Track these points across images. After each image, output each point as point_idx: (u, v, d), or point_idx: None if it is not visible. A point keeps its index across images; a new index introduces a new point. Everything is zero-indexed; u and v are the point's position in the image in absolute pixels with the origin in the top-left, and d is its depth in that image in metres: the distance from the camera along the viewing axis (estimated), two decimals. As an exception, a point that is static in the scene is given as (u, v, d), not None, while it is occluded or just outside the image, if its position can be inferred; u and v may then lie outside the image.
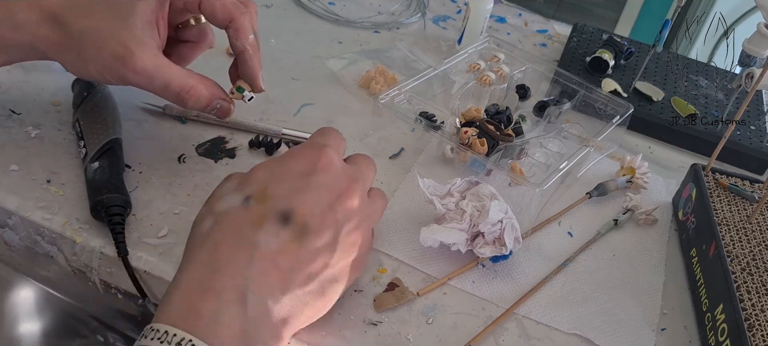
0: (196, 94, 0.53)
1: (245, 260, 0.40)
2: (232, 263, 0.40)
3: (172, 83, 0.52)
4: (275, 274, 0.41)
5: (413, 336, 0.50)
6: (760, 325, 0.49)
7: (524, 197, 0.61)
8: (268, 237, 0.41)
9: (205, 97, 0.54)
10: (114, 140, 0.56)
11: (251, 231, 0.41)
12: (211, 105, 0.54)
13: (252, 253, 0.40)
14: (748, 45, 0.73)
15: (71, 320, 0.67)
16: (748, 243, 0.57)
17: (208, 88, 0.54)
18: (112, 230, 0.50)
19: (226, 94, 0.56)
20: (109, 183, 0.52)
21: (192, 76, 0.53)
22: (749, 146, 0.76)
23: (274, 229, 0.42)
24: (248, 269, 0.40)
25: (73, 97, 0.60)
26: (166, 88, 0.52)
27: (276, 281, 0.41)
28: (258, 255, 0.41)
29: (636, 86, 0.82)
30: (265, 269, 0.40)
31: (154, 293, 0.52)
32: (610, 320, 0.54)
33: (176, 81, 0.52)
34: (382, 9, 0.95)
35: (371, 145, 0.67)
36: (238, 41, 0.54)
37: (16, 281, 0.66)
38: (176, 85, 0.52)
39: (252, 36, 0.54)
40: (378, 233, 0.57)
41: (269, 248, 0.41)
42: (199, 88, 0.53)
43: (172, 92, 0.52)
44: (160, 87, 0.52)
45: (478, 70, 0.75)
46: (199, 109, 0.54)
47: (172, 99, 0.53)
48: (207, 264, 0.40)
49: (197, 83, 0.53)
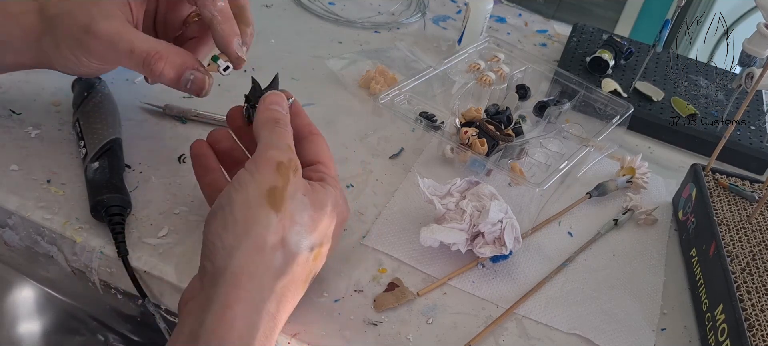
0: (164, 61, 0.49)
1: (287, 314, 0.44)
2: (282, 318, 0.44)
3: (136, 48, 0.49)
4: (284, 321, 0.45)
5: (413, 336, 0.50)
6: (760, 325, 0.49)
7: (524, 197, 0.61)
8: (300, 296, 0.46)
9: (175, 64, 0.50)
10: (114, 140, 0.56)
11: (301, 288, 0.45)
12: (183, 76, 0.51)
13: (294, 304, 0.45)
14: (748, 45, 0.73)
15: (71, 320, 0.67)
16: (748, 243, 0.57)
17: (180, 56, 0.50)
18: (112, 230, 0.50)
19: (200, 64, 0.52)
20: (110, 183, 0.52)
21: (162, 43, 0.50)
22: (749, 146, 0.76)
23: (305, 287, 0.46)
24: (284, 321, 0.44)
25: (73, 98, 0.60)
26: (131, 53, 0.49)
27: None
28: (291, 310, 0.45)
29: (636, 86, 0.82)
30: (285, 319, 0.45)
31: (153, 293, 0.52)
32: (610, 320, 0.54)
33: (142, 46, 0.49)
34: (382, 9, 0.95)
35: (371, 145, 0.67)
36: (206, 9, 0.50)
37: (16, 281, 0.66)
38: (141, 50, 0.49)
39: (222, 2, 0.51)
40: (378, 233, 0.57)
41: (296, 303, 0.45)
42: (168, 54, 0.50)
43: (137, 58, 0.49)
44: (125, 53, 0.49)
45: (478, 70, 0.75)
46: (171, 80, 0.51)
47: (139, 68, 0.50)
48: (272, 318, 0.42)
49: (166, 50, 0.50)
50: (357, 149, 0.66)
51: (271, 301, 0.41)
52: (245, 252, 0.41)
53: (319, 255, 0.45)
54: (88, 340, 0.68)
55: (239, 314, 0.40)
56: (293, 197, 0.43)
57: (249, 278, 0.40)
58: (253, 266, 0.41)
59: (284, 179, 0.43)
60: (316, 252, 0.45)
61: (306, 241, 0.43)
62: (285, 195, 0.42)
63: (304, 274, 0.44)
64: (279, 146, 0.45)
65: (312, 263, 0.45)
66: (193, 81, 0.51)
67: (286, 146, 0.45)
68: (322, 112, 0.70)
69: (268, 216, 0.41)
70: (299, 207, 0.43)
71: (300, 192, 0.43)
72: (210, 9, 0.50)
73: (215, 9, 0.50)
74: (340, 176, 0.63)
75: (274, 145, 0.45)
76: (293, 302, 0.45)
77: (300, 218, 0.43)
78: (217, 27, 0.51)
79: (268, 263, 0.41)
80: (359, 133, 0.69)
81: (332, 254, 0.49)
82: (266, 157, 0.43)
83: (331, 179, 0.48)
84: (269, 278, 0.41)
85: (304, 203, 0.43)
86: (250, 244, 0.41)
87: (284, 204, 0.42)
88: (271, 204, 0.42)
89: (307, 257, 0.44)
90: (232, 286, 0.40)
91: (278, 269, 0.42)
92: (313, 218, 0.44)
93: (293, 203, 0.43)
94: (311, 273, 0.46)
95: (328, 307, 0.50)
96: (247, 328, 0.40)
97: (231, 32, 0.51)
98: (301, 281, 0.45)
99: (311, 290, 0.51)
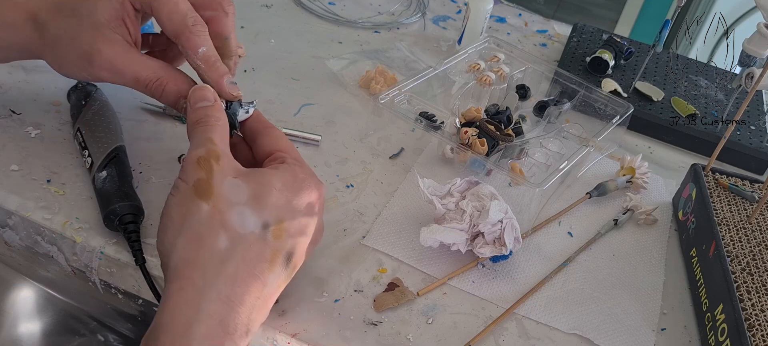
0: (164, 86, 0.52)
1: (254, 298, 0.43)
2: (245, 302, 0.42)
3: (141, 76, 0.51)
4: (265, 310, 0.45)
5: (413, 336, 0.50)
6: (760, 325, 0.49)
7: (524, 197, 0.61)
8: (274, 277, 0.44)
9: (173, 93, 0.52)
10: (118, 148, 0.55)
11: (265, 269, 0.43)
12: (179, 103, 0.52)
13: (261, 292, 0.43)
14: (748, 45, 0.73)
15: (71, 320, 0.67)
16: (748, 243, 0.57)
17: (177, 84, 0.52)
18: (128, 239, 0.50)
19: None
20: (120, 191, 0.52)
21: (164, 68, 0.52)
22: (749, 146, 0.76)
23: (279, 269, 0.44)
24: (253, 308, 0.43)
25: (71, 107, 0.60)
26: (137, 81, 0.51)
27: (263, 316, 0.45)
28: (264, 293, 0.44)
29: (636, 86, 0.83)
30: (262, 307, 0.44)
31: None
32: (609, 320, 0.54)
33: (145, 73, 0.51)
34: (382, 9, 0.95)
35: (371, 145, 0.67)
36: (189, 59, 0.51)
37: (16, 282, 0.66)
38: (145, 78, 0.51)
39: (203, 49, 0.51)
40: (378, 233, 0.57)
41: (272, 287, 0.44)
42: (168, 81, 0.52)
43: (142, 85, 0.51)
44: (132, 81, 0.51)
45: (478, 70, 0.75)
46: (170, 103, 0.52)
47: (145, 92, 0.52)
48: (226, 300, 0.41)
49: (167, 76, 0.52)
50: (357, 149, 0.66)
51: (222, 285, 0.41)
52: (183, 245, 0.42)
53: (282, 232, 0.44)
54: (88, 340, 0.68)
55: (183, 302, 0.41)
56: (222, 183, 0.44)
57: (191, 268, 0.42)
58: (193, 255, 0.42)
59: (207, 169, 0.44)
60: (276, 229, 0.44)
61: (252, 219, 0.43)
62: (212, 183, 0.43)
63: (266, 253, 0.43)
64: (199, 144, 0.46)
65: (273, 241, 0.44)
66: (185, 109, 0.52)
67: (205, 140, 0.46)
68: (322, 112, 0.70)
69: (199, 207, 0.43)
70: (233, 189, 0.44)
71: (229, 175, 0.44)
72: (192, 58, 0.51)
73: (198, 58, 0.50)
74: (340, 176, 0.63)
75: (195, 144, 0.46)
76: (262, 282, 0.43)
77: (238, 199, 0.43)
78: (203, 76, 0.51)
79: (211, 249, 0.42)
80: (359, 133, 0.69)
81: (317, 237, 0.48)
82: (189, 158, 0.45)
83: (290, 159, 0.48)
84: (214, 262, 0.42)
85: (238, 184, 0.44)
86: (186, 237, 0.42)
87: (213, 191, 0.43)
88: (200, 195, 0.43)
89: (261, 234, 0.43)
90: (175, 278, 0.41)
91: (224, 252, 0.42)
92: (256, 197, 0.44)
93: (224, 188, 0.43)
94: (280, 252, 0.44)
95: (328, 307, 0.50)
96: (194, 313, 0.40)
97: (218, 77, 0.51)
98: (266, 261, 0.43)
99: (311, 291, 0.51)
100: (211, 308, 0.41)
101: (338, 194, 0.61)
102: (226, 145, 0.47)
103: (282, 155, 0.49)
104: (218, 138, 0.46)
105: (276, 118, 0.68)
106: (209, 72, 0.51)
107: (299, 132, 0.65)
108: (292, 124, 0.67)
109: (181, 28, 0.50)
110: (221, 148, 0.45)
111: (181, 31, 0.50)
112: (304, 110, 0.70)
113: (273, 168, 0.47)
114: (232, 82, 0.51)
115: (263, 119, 0.53)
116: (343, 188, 0.61)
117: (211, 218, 0.43)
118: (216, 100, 0.49)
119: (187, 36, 0.50)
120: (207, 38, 0.51)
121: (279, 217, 0.44)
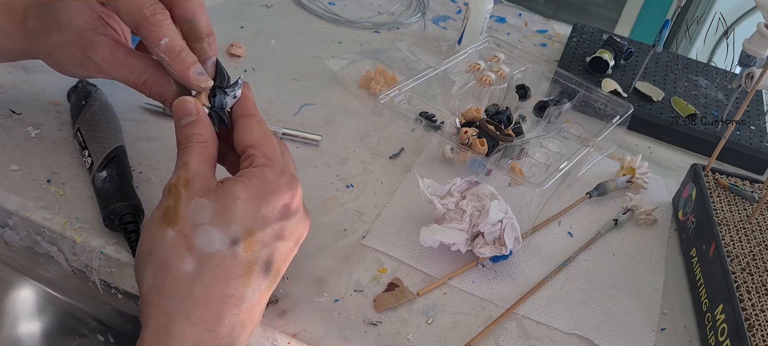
0: (153, 86, 0.51)
1: (233, 315, 0.42)
2: (222, 321, 0.42)
3: (127, 79, 0.51)
4: (251, 322, 0.44)
5: (413, 336, 0.50)
6: (760, 325, 0.49)
7: (524, 197, 0.61)
8: (253, 290, 0.43)
9: (157, 95, 0.51)
10: (118, 148, 0.55)
11: (241, 284, 0.43)
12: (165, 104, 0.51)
13: (240, 307, 0.43)
14: (748, 45, 0.73)
15: (71, 320, 0.67)
16: (748, 243, 0.57)
17: (160, 86, 0.50)
18: (128, 239, 0.50)
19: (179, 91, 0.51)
20: (120, 191, 0.52)
21: (148, 69, 0.50)
22: (749, 146, 0.76)
23: (258, 280, 0.44)
24: (235, 324, 0.42)
25: (71, 107, 0.60)
26: (126, 83, 0.51)
27: (251, 328, 0.44)
28: (244, 308, 0.43)
29: (636, 86, 0.83)
30: (246, 321, 0.43)
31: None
32: (610, 320, 0.54)
33: (131, 77, 0.50)
34: (382, 9, 0.95)
35: (371, 145, 0.67)
36: (153, 53, 0.49)
37: (16, 282, 0.66)
38: (132, 81, 0.51)
39: (165, 40, 0.47)
40: (378, 233, 0.57)
41: (253, 299, 0.43)
42: (152, 83, 0.50)
43: (133, 84, 0.51)
44: (121, 79, 0.51)
45: (478, 70, 0.75)
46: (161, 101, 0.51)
47: (137, 89, 0.51)
48: (199, 322, 0.41)
49: (152, 78, 0.50)
50: (357, 149, 0.66)
51: (191, 307, 0.41)
52: (151, 274, 0.42)
53: (254, 243, 0.43)
54: (88, 340, 0.68)
55: (155, 330, 0.41)
56: (187, 207, 0.43)
57: (158, 294, 0.41)
58: (160, 281, 0.42)
59: (175, 196, 0.43)
60: (246, 243, 0.43)
61: (217, 236, 0.42)
62: (178, 209, 0.43)
63: (238, 268, 0.42)
64: (175, 170, 0.45)
65: (245, 254, 0.43)
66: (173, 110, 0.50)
67: (180, 166, 0.45)
68: (322, 112, 0.70)
69: (164, 233, 0.42)
70: (198, 211, 0.43)
71: (197, 196, 0.43)
72: (156, 52, 0.48)
73: (160, 50, 0.48)
74: (340, 176, 0.63)
75: (174, 170, 0.45)
76: (238, 298, 0.42)
77: (201, 219, 0.43)
78: (168, 68, 0.49)
79: (177, 274, 0.41)
80: (359, 133, 0.69)
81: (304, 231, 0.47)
82: (164, 188, 0.45)
83: (261, 158, 0.46)
84: (182, 286, 0.41)
85: (202, 204, 0.43)
86: (154, 265, 0.42)
87: (179, 217, 0.43)
88: (167, 222, 0.43)
89: (231, 251, 0.42)
90: (146, 306, 0.42)
91: (192, 275, 0.41)
92: (219, 212, 0.43)
93: (189, 210, 0.43)
94: (254, 263, 0.43)
95: (328, 307, 0.50)
96: (164, 338, 0.40)
97: (183, 68, 0.48)
98: (239, 276, 0.42)
99: (311, 291, 0.51)
100: (182, 331, 0.40)
101: (338, 194, 0.61)
102: (206, 162, 0.45)
103: (252, 154, 0.46)
104: (195, 160, 0.45)
105: (276, 118, 0.68)
106: (174, 64, 0.48)
107: (299, 132, 0.65)
108: (292, 124, 0.67)
109: (141, 21, 0.47)
110: (195, 171, 0.44)
111: (140, 23, 0.47)
112: (304, 110, 0.70)
113: (238, 177, 0.45)
114: (200, 72, 0.48)
115: (247, 104, 0.50)
116: (343, 188, 0.61)
117: (176, 243, 0.42)
118: (198, 112, 0.47)
119: (147, 28, 0.47)
120: (169, 26, 0.48)
121: (248, 229, 0.43)
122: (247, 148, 0.47)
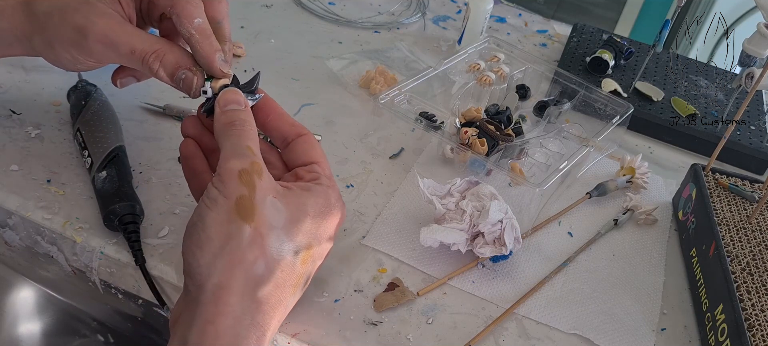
0: (160, 59, 0.49)
1: (277, 321, 0.44)
2: (271, 327, 0.43)
3: (137, 49, 0.49)
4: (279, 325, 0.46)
5: (413, 336, 0.50)
6: (760, 325, 0.49)
7: (524, 197, 0.61)
8: (293, 300, 0.45)
9: (170, 63, 0.49)
10: (118, 148, 0.55)
11: (291, 293, 0.44)
12: (176, 74, 0.49)
13: (284, 314, 0.44)
14: (748, 45, 0.73)
15: (71, 320, 0.67)
16: (748, 243, 0.57)
17: (175, 54, 0.49)
18: (128, 239, 0.50)
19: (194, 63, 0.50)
20: (120, 192, 0.52)
21: (160, 41, 0.50)
22: (749, 146, 0.76)
23: (299, 292, 0.45)
24: (274, 331, 0.44)
25: (70, 107, 0.60)
26: (133, 53, 0.49)
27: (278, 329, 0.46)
28: (285, 315, 0.45)
29: (636, 86, 0.83)
30: (279, 324, 0.45)
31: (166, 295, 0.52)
32: (610, 320, 0.54)
33: (142, 46, 0.49)
34: (382, 9, 0.95)
35: (371, 145, 0.67)
36: (183, 28, 0.48)
37: (16, 282, 0.66)
38: (141, 50, 0.49)
39: (199, 20, 0.48)
40: (378, 233, 0.57)
41: (290, 307, 0.45)
42: (164, 53, 0.49)
43: (137, 57, 0.49)
44: (127, 53, 0.49)
45: (478, 70, 0.75)
46: (165, 77, 0.50)
47: (140, 66, 0.50)
48: (258, 326, 0.42)
49: (163, 48, 0.49)
50: (357, 149, 0.66)
51: (255, 311, 0.41)
52: (223, 268, 0.41)
53: (309, 257, 0.44)
54: (88, 340, 0.68)
55: (222, 329, 0.40)
56: (263, 202, 0.42)
57: (229, 293, 0.40)
58: (233, 280, 0.41)
59: (250, 186, 0.42)
60: (304, 255, 0.44)
61: (287, 245, 0.42)
62: (254, 202, 0.41)
63: (293, 278, 0.43)
64: (238, 153, 0.43)
65: (300, 266, 0.44)
66: (183, 80, 0.50)
67: (245, 150, 0.43)
68: (322, 112, 0.70)
69: (240, 229, 0.41)
70: (273, 212, 0.42)
71: (270, 195, 0.42)
72: (187, 27, 0.48)
73: (192, 27, 0.48)
74: (340, 176, 0.63)
75: (234, 152, 0.43)
76: (285, 306, 0.44)
77: (276, 223, 0.42)
78: (197, 46, 0.49)
79: (248, 275, 0.41)
80: (359, 133, 0.69)
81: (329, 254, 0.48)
82: (227, 168, 0.42)
83: (325, 178, 0.47)
84: (250, 288, 0.41)
85: (278, 206, 0.42)
86: (227, 260, 0.41)
87: (255, 212, 0.41)
88: (242, 216, 0.41)
89: (291, 261, 0.43)
90: (213, 302, 0.40)
91: (260, 278, 0.41)
92: (292, 221, 0.43)
93: (266, 209, 0.42)
94: (303, 276, 0.45)
95: (328, 307, 0.50)
96: (232, 340, 0.40)
97: (211, 50, 0.49)
98: (291, 286, 0.43)
99: (311, 291, 0.51)
100: (248, 333, 0.41)
101: (338, 194, 0.61)
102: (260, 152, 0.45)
103: (317, 171, 0.47)
104: (256, 148, 0.44)
105: (276, 118, 0.68)
106: (203, 43, 0.48)
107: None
108: (292, 124, 0.67)
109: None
110: (261, 161, 0.43)
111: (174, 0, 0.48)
112: (304, 110, 0.70)
113: (308, 190, 0.45)
114: (223, 59, 0.49)
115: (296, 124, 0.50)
116: (343, 188, 0.61)
117: (252, 242, 0.41)
118: (247, 106, 0.47)
119: (183, 5, 0.48)
120: (203, 12, 0.49)
121: (308, 243, 0.44)
122: (311, 163, 0.48)
